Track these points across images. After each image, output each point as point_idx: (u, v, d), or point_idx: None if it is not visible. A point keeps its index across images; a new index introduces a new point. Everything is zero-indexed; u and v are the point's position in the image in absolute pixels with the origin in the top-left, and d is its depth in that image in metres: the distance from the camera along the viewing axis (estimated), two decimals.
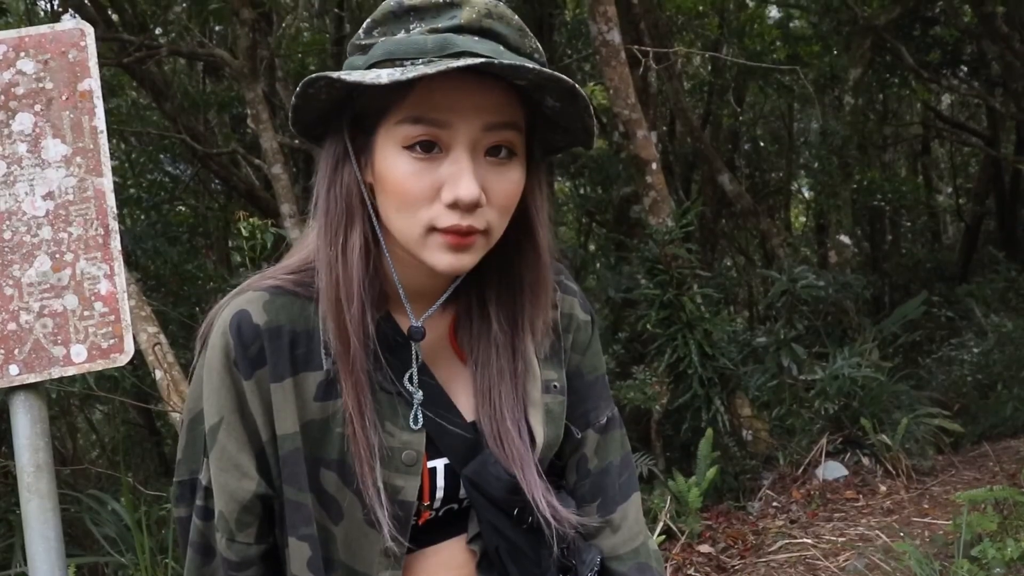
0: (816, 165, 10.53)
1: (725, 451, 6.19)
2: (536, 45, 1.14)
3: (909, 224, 15.28)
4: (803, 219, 17.58)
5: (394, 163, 1.09)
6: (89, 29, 2.61)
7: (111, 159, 2.70)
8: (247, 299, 1.17)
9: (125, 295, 2.62)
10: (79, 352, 2.54)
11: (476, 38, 1.08)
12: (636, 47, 7.06)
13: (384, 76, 1.01)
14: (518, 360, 1.26)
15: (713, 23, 12.47)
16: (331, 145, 1.18)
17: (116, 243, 2.61)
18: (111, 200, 2.60)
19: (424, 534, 1.23)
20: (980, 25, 9.60)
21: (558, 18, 10.44)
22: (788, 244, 9.98)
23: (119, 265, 2.60)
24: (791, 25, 12.59)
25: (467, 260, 1.12)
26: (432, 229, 1.10)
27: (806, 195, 15.98)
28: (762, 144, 14.83)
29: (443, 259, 1.11)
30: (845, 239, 9.67)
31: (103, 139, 2.59)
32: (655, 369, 6.42)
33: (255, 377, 1.14)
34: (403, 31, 1.10)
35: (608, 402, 1.39)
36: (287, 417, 1.14)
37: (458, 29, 1.08)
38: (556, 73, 1.05)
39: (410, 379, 1.21)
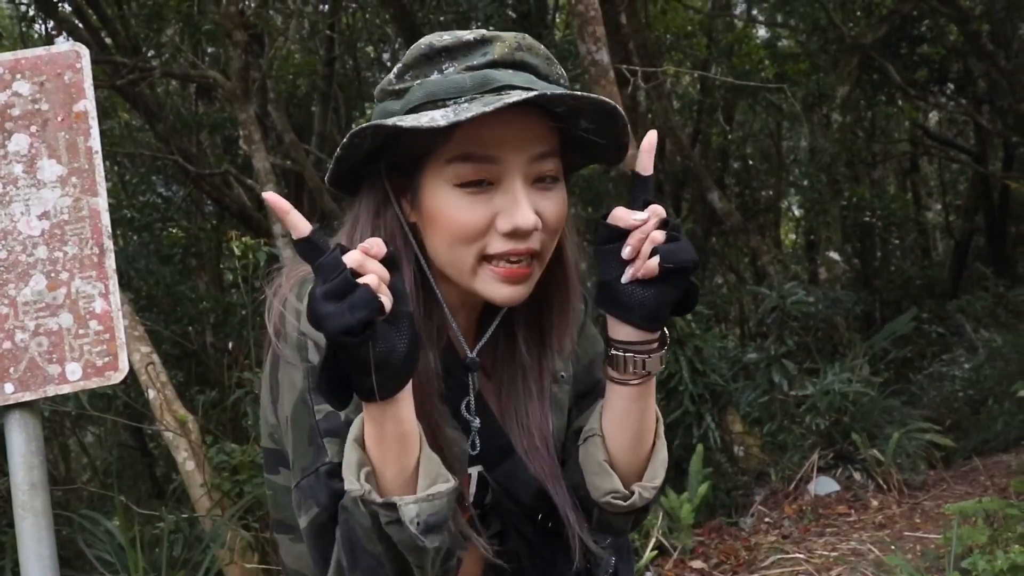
0: (805, 183, 10.59)
1: (717, 467, 6.20)
2: (561, 71, 1.19)
3: (899, 241, 15.35)
4: (793, 236, 17.65)
5: (446, 200, 1.12)
6: (85, 51, 2.64)
7: (104, 180, 2.73)
8: None
9: (120, 313, 2.64)
10: (74, 370, 2.56)
11: (511, 71, 1.12)
12: (624, 66, 7.12)
13: (439, 118, 1.04)
14: (544, 379, 1.30)
15: (701, 43, 12.57)
16: (370, 191, 1.20)
17: (111, 262, 2.63)
18: (106, 219, 2.62)
19: None
20: (966, 43, 9.70)
21: (547, 38, 10.50)
22: (778, 261, 10.02)
23: (114, 284, 2.62)
24: (779, 44, 12.69)
25: (521, 291, 1.16)
26: (484, 258, 1.14)
27: (796, 212, 16.05)
28: (751, 162, 14.91)
29: (499, 291, 1.15)
30: (835, 256, 9.72)
31: (98, 159, 2.61)
32: None
33: None
34: (436, 72, 1.14)
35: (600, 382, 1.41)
36: None
37: (493, 64, 1.13)
38: (599, 97, 1.10)
39: (467, 407, 1.25)
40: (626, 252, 1.13)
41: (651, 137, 1.17)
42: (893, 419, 6.68)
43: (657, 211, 1.14)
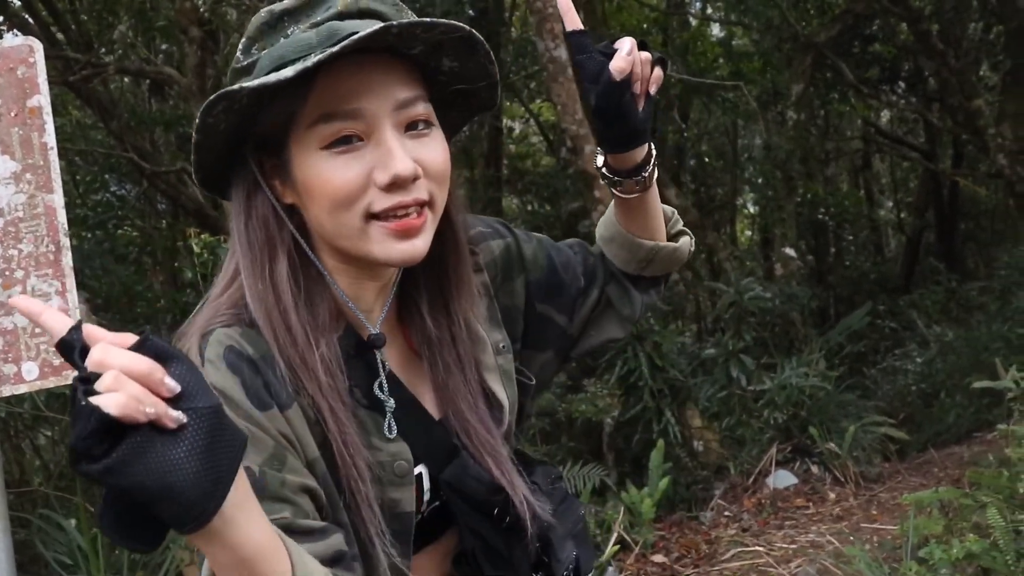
0: (760, 180, 10.70)
1: (677, 462, 6.25)
2: (412, 16, 1.12)
3: (852, 237, 15.56)
4: (748, 233, 17.83)
5: (316, 166, 1.05)
6: (38, 45, 2.60)
7: (60, 177, 2.68)
8: (225, 335, 1.06)
9: (78, 311, 2.60)
10: (31, 370, 2.52)
11: (357, 20, 1.06)
12: None
13: (288, 71, 0.98)
14: (459, 347, 1.23)
15: (657, 41, 12.62)
16: (239, 179, 1.12)
17: (67, 260, 2.59)
18: (62, 217, 2.58)
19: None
20: (917, 42, 9.86)
21: (505, 35, 10.52)
22: (734, 257, 10.13)
23: (71, 282, 2.58)
24: (734, 43, 12.81)
25: (420, 244, 1.08)
26: (371, 217, 1.06)
27: (751, 209, 16.21)
28: (707, 160, 15.03)
29: (394, 248, 1.07)
30: (790, 251, 9.83)
31: (53, 155, 2.57)
32: (606, 382, 6.48)
33: (274, 408, 1.04)
34: (282, 37, 1.08)
35: (579, 263, 1.42)
36: (308, 442, 1.06)
37: (338, 16, 1.06)
38: (450, 21, 1.03)
39: (380, 388, 1.16)
40: (633, 86, 1.23)
41: None
42: (849, 413, 6.77)
43: (629, 40, 1.23)
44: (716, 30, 13.36)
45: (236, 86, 1.01)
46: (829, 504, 5.80)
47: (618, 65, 1.20)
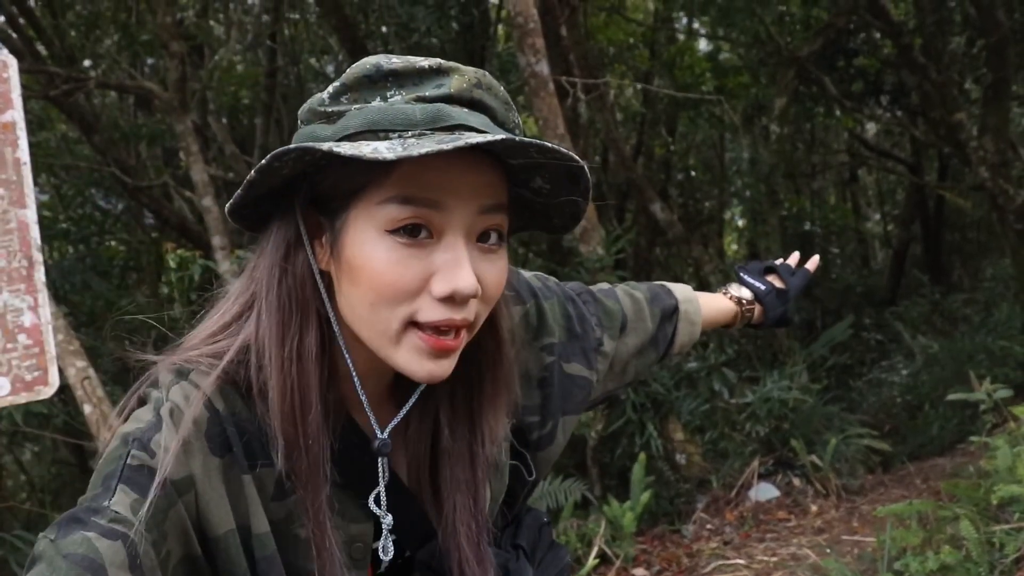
0: (747, 193, 10.74)
1: (659, 475, 6.25)
2: (518, 120, 1.04)
3: (839, 250, 15.61)
4: (735, 247, 17.88)
5: (374, 250, 0.95)
6: (12, 61, 2.61)
7: (40, 193, 2.68)
8: (198, 379, 1.01)
9: (50, 327, 2.60)
10: (2, 385, 2.51)
11: (466, 110, 0.97)
12: (565, 78, 7.17)
13: (384, 150, 0.87)
14: (477, 469, 1.12)
15: (644, 55, 12.68)
16: (280, 228, 1.02)
17: (40, 275, 2.59)
18: (35, 232, 2.58)
19: None
20: (899, 56, 9.91)
21: (490, 50, 10.55)
22: (720, 271, 10.13)
23: (44, 297, 2.58)
24: (720, 57, 12.87)
25: (446, 366, 0.99)
26: (411, 325, 0.97)
27: (739, 223, 16.27)
28: (694, 173, 15.08)
29: (422, 366, 0.98)
30: None
31: (27, 171, 2.58)
32: None
33: (226, 459, 0.99)
34: (378, 99, 0.97)
35: (598, 322, 1.38)
36: (259, 514, 0.99)
37: (447, 99, 0.96)
38: (569, 152, 0.94)
39: (376, 500, 1.08)
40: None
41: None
42: (832, 425, 6.79)
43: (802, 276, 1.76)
44: (703, 44, 13.42)
45: (324, 146, 0.89)
46: (811, 517, 5.81)
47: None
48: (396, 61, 0.98)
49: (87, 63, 9.05)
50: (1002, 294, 10.52)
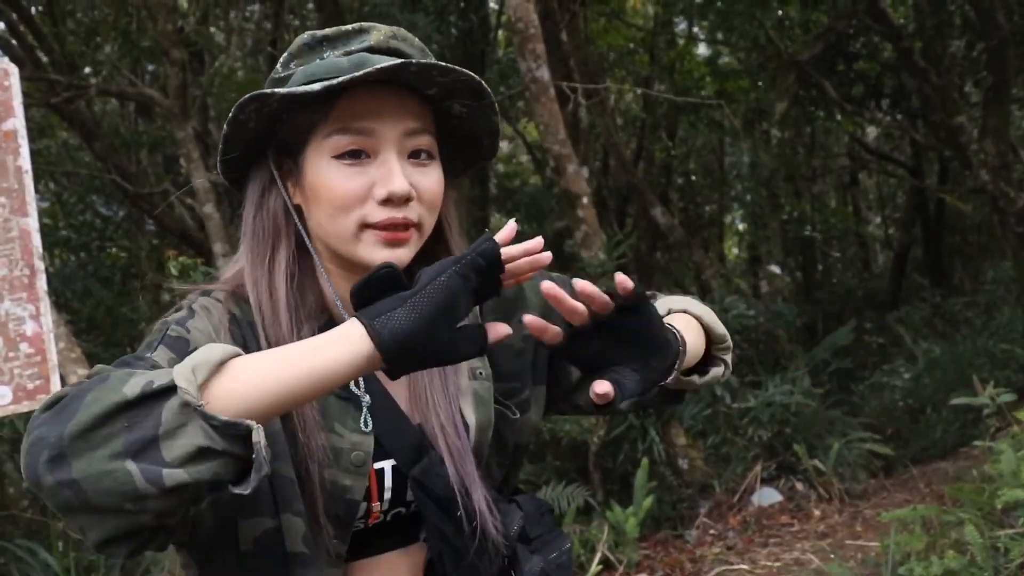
0: (748, 197, 10.73)
1: (662, 481, 6.24)
2: (435, 63, 1.22)
3: (840, 254, 15.61)
4: (736, 251, 17.87)
5: (326, 172, 1.18)
6: (13, 69, 2.60)
7: (40, 200, 2.67)
8: (217, 295, 1.23)
9: (52, 335, 2.59)
10: (4, 394, 2.50)
11: (386, 56, 1.19)
12: (565, 83, 7.17)
13: (316, 86, 1.11)
14: (448, 384, 1.28)
15: (644, 60, 12.69)
16: (257, 175, 1.26)
17: (42, 283, 2.58)
18: (37, 240, 2.57)
19: (374, 540, 1.24)
20: (899, 60, 9.91)
21: (490, 56, 10.56)
22: (721, 275, 10.14)
23: (45, 305, 2.57)
24: (720, 61, 12.87)
25: (402, 254, 1.19)
26: (365, 226, 1.18)
27: (740, 227, 16.26)
28: (694, 177, 15.07)
29: (379, 254, 1.18)
30: (775, 268, 9.84)
31: (28, 179, 2.57)
32: None
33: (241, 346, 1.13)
34: (318, 59, 1.22)
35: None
36: None
37: (369, 50, 1.21)
38: (465, 70, 1.16)
39: (357, 383, 1.24)
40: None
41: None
42: (834, 429, 6.78)
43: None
44: (702, 49, 13.42)
45: (268, 90, 1.15)
46: (814, 521, 5.80)
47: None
48: (328, 30, 1.24)
49: (88, 70, 9.04)
50: (1003, 297, 10.51)
